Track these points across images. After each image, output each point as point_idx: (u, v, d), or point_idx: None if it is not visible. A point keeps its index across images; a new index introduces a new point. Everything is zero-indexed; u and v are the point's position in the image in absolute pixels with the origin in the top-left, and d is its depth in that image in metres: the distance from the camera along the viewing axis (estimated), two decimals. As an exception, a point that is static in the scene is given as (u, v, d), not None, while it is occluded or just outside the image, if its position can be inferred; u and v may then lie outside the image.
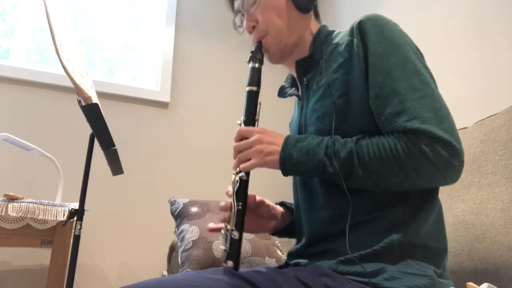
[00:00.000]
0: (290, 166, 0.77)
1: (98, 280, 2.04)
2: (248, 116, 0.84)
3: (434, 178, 0.71)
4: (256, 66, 0.87)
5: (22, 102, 2.07)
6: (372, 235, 0.74)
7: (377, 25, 0.78)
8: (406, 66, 0.74)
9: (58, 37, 1.01)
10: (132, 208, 2.19)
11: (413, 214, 0.75)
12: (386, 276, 0.69)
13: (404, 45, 0.77)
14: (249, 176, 0.81)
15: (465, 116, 1.40)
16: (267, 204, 0.92)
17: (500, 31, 1.48)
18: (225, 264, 0.76)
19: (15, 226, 1.43)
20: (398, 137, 0.71)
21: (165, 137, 2.37)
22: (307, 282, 0.68)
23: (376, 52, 0.76)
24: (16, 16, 2.23)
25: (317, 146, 0.75)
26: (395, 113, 0.72)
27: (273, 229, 0.96)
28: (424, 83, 0.73)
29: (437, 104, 0.71)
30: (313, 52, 0.90)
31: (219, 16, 2.64)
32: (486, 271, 1.00)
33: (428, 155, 0.68)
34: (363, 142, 0.73)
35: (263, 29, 0.89)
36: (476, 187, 1.10)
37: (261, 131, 0.80)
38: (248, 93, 0.86)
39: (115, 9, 2.49)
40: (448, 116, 0.71)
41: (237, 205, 0.78)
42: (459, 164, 0.69)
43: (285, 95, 1.02)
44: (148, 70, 2.51)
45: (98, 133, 1.16)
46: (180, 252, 1.57)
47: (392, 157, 0.70)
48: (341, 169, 0.72)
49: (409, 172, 0.69)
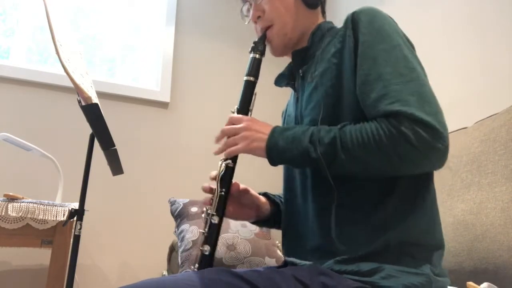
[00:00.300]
0: (276, 154, 0.77)
1: (98, 280, 2.04)
2: (243, 105, 0.86)
3: (418, 162, 0.69)
4: (257, 57, 0.88)
5: (22, 102, 2.07)
6: (364, 230, 0.74)
7: (368, 15, 0.79)
8: (393, 52, 0.74)
9: (58, 37, 1.01)
10: (132, 208, 2.19)
11: (405, 208, 0.75)
12: (383, 275, 0.69)
13: (393, 34, 0.76)
14: (235, 164, 0.83)
15: (465, 116, 1.40)
16: (251, 193, 0.94)
17: (500, 31, 1.48)
18: (202, 248, 0.78)
19: (15, 226, 1.43)
20: (380, 121, 0.70)
21: (165, 137, 2.37)
22: (305, 281, 0.68)
23: (365, 41, 0.76)
24: (16, 16, 2.23)
25: (302, 134, 0.75)
26: (378, 97, 0.71)
27: (254, 217, 0.97)
28: (410, 69, 0.72)
29: (421, 89, 0.70)
30: (310, 45, 0.90)
31: (219, 16, 2.64)
32: (486, 271, 1.00)
33: (409, 137, 0.66)
34: (347, 128, 0.73)
35: (269, 19, 0.90)
36: (476, 187, 1.10)
37: (250, 119, 0.82)
38: (245, 82, 0.87)
39: (115, 9, 2.49)
40: (432, 100, 0.70)
41: (220, 191, 0.81)
42: (443, 147, 0.67)
43: (281, 85, 1.02)
44: (148, 70, 2.51)
45: (98, 133, 1.16)
46: (180, 252, 1.57)
47: (373, 142, 0.69)
48: (325, 155, 0.72)
49: (391, 156, 0.68)
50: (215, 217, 0.79)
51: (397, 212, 0.74)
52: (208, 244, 0.78)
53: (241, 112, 0.85)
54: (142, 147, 2.29)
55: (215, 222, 0.79)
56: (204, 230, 0.80)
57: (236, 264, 1.50)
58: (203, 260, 0.79)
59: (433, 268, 0.73)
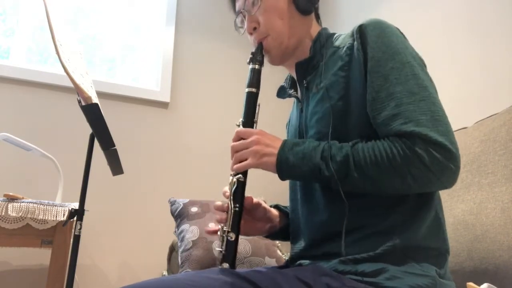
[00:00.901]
0: (286, 170, 0.77)
1: (98, 280, 2.04)
2: (247, 118, 0.84)
3: (430, 182, 0.69)
4: (256, 68, 0.87)
5: (22, 102, 2.07)
6: (371, 237, 0.74)
7: (377, 30, 0.78)
8: (404, 70, 0.74)
9: (58, 37, 1.01)
10: (132, 208, 2.19)
11: (412, 216, 0.75)
12: (388, 276, 0.69)
13: (404, 50, 0.76)
14: (246, 178, 0.81)
15: (465, 116, 1.40)
16: (263, 206, 0.92)
17: (500, 31, 1.48)
18: (221, 266, 0.77)
19: (15, 226, 1.43)
20: (393, 140, 0.70)
21: (165, 137, 2.37)
22: (308, 281, 0.68)
23: (374, 57, 0.76)
24: (16, 16, 2.23)
25: (313, 150, 0.75)
26: (391, 116, 0.71)
27: (267, 231, 0.96)
28: (421, 87, 0.72)
29: (433, 107, 0.71)
30: (313, 55, 0.89)
31: (219, 16, 2.64)
32: (486, 271, 1.00)
33: (423, 158, 0.67)
34: (359, 146, 0.73)
35: (264, 31, 0.89)
36: (476, 187, 1.10)
37: (259, 132, 0.80)
38: (247, 94, 0.86)
39: (115, 9, 2.49)
40: (444, 120, 0.70)
41: (234, 207, 0.79)
42: (455, 168, 0.68)
43: (284, 96, 1.02)
44: (148, 70, 2.51)
45: (98, 133, 1.16)
46: (180, 252, 1.57)
47: (387, 161, 0.69)
48: (337, 173, 0.72)
49: (405, 176, 0.69)
50: (231, 234, 0.78)
51: (404, 221, 0.74)
52: (227, 261, 0.77)
53: (246, 124, 0.84)
54: (142, 147, 2.29)
55: (232, 239, 0.78)
56: (221, 248, 0.78)
57: (236, 264, 1.50)
58: None
59: (439, 271, 0.73)
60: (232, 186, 0.80)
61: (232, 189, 0.80)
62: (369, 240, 0.74)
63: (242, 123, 0.84)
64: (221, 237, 0.79)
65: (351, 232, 0.75)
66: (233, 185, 0.80)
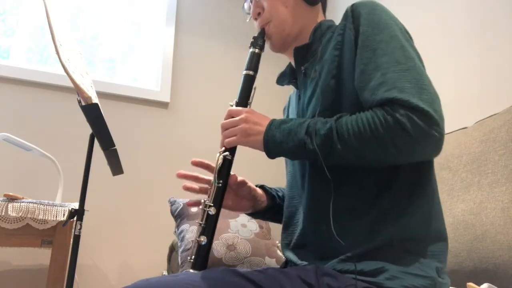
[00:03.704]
0: (273, 147, 0.77)
1: (98, 280, 2.04)
2: (241, 99, 0.86)
3: (413, 150, 0.68)
4: (256, 52, 0.89)
5: (22, 102, 2.07)
6: (363, 224, 0.74)
7: (367, 7, 0.79)
8: (391, 43, 0.74)
9: (58, 37, 1.01)
10: (132, 208, 2.19)
11: (404, 200, 0.74)
12: (388, 276, 0.69)
13: (392, 25, 0.77)
14: (233, 157, 0.83)
15: (465, 116, 1.40)
16: (248, 185, 0.95)
17: (500, 31, 1.48)
18: (199, 239, 0.78)
19: (15, 226, 1.43)
20: (376, 110, 0.70)
21: (165, 137, 2.37)
22: (310, 282, 0.68)
23: (364, 32, 0.77)
24: (16, 16, 2.23)
25: (299, 126, 0.76)
26: (376, 85, 0.71)
27: (250, 209, 0.99)
28: (408, 58, 0.73)
29: (418, 77, 0.70)
30: (312, 41, 0.90)
31: (219, 16, 2.64)
32: (486, 271, 1.00)
33: (404, 124, 0.66)
34: (343, 119, 0.73)
35: (267, 17, 0.91)
36: (476, 187, 1.10)
37: (249, 111, 0.82)
38: (244, 76, 0.88)
39: (115, 9, 2.49)
40: (429, 89, 0.69)
41: (218, 183, 0.81)
42: (439, 135, 0.66)
43: (282, 83, 1.03)
44: (148, 70, 2.50)
45: (98, 133, 1.16)
46: (180, 252, 1.57)
47: (369, 131, 0.69)
48: (321, 146, 0.72)
49: (387, 145, 0.68)
50: (212, 208, 0.80)
51: (396, 205, 0.74)
52: (205, 235, 0.78)
53: (240, 105, 0.86)
54: (142, 147, 2.29)
55: (212, 213, 0.79)
56: (201, 221, 0.80)
57: (236, 264, 1.50)
58: (199, 251, 0.78)
59: (439, 265, 0.72)
60: (218, 163, 0.82)
61: (218, 165, 0.82)
62: (363, 229, 0.73)
63: (235, 104, 0.86)
64: (202, 210, 0.81)
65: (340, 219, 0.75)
66: (219, 162, 0.82)
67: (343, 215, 0.75)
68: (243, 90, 0.87)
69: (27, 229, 1.46)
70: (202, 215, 0.81)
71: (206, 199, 0.82)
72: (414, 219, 0.73)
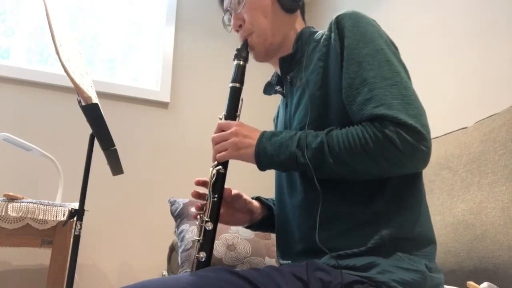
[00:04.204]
0: (264, 159, 0.78)
1: (98, 280, 2.04)
2: (230, 112, 0.87)
3: (403, 164, 0.71)
4: (241, 64, 0.92)
5: (22, 102, 2.07)
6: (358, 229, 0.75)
7: (352, 19, 0.80)
8: (377, 57, 0.75)
9: (58, 37, 1.01)
10: (132, 208, 2.19)
11: (397, 203, 0.76)
12: (379, 270, 0.70)
13: (377, 38, 0.78)
14: (226, 170, 0.84)
15: (465, 116, 1.40)
16: (244, 198, 0.95)
17: (500, 31, 1.48)
18: (198, 255, 0.79)
19: (15, 226, 1.43)
20: (365, 125, 0.72)
21: (165, 137, 2.37)
22: (302, 277, 0.69)
23: (350, 45, 0.78)
24: (16, 16, 2.23)
25: (290, 139, 0.77)
26: (364, 101, 0.73)
27: (248, 222, 0.99)
28: (394, 73, 0.74)
29: (405, 92, 0.72)
30: (296, 50, 0.92)
31: (219, 16, 2.62)
32: (486, 271, 1.00)
33: (394, 140, 0.68)
34: (334, 133, 0.74)
35: (249, 28, 0.93)
36: (476, 187, 1.10)
37: (239, 124, 0.83)
38: (231, 89, 0.89)
39: (115, 9, 2.49)
40: (415, 104, 0.71)
41: (213, 197, 0.82)
42: (426, 149, 0.69)
43: (270, 93, 1.04)
44: (148, 70, 2.51)
45: (98, 133, 1.16)
46: (180, 252, 1.57)
47: (360, 146, 0.71)
48: (312, 160, 0.73)
49: (378, 159, 0.70)
50: (209, 223, 0.80)
51: (387, 209, 0.75)
52: (203, 251, 0.79)
53: (229, 118, 0.87)
54: (142, 147, 2.29)
55: (210, 228, 0.80)
56: (199, 237, 0.81)
57: (236, 264, 1.50)
58: (199, 267, 0.79)
59: (428, 264, 0.74)
60: (212, 177, 0.82)
61: (211, 180, 0.82)
62: (355, 233, 0.75)
63: (224, 117, 0.87)
64: (199, 226, 0.82)
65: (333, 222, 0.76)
66: (213, 176, 0.82)
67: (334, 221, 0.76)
68: (230, 102, 0.88)
69: (27, 229, 1.46)
70: (199, 230, 0.81)
71: (202, 215, 0.82)
72: (406, 221, 0.75)
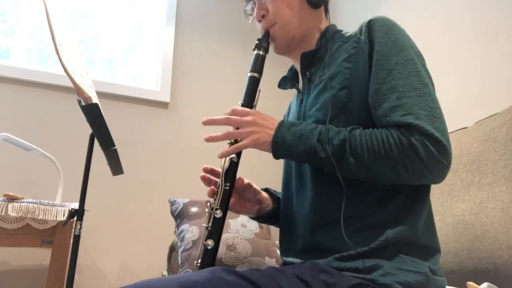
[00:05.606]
0: (282, 149, 0.77)
1: (98, 280, 2.04)
2: (247, 101, 0.86)
3: (422, 174, 0.71)
4: (261, 54, 0.90)
5: (22, 102, 2.07)
6: (368, 230, 0.75)
7: (385, 26, 0.81)
8: (407, 66, 0.76)
9: (58, 37, 1.01)
10: (132, 208, 2.19)
11: (407, 209, 0.76)
12: (382, 272, 0.70)
13: (408, 48, 0.79)
14: (239, 159, 0.83)
15: (465, 116, 1.40)
16: (254, 188, 0.95)
17: (500, 31, 1.48)
18: (205, 242, 0.78)
19: (15, 226, 1.43)
20: (391, 130, 0.72)
21: (165, 137, 2.37)
22: (305, 279, 0.69)
23: (381, 51, 0.78)
24: (16, 16, 2.23)
25: (311, 131, 0.76)
26: (392, 107, 0.73)
27: (256, 212, 0.98)
28: (422, 84, 0.75)
29: (432, 104, 0.73)
30: (319, 47, 0.91)
31: (219, 16, 2.64)
32: (486, 271, 1.00)
33: (418, 150, 0.68)
34: (357, 132, 0.74)
35: (272, 19, 0.91)
36: (476, 187, 1.10)
37: (257, 113, 0.82)
38: (249, 78, 0.88)
39: (115, 9, 2.49)
40: (441, 117, 0.73)
41: (224, 185, 0.81)
42: (447, 163, 0.70)
43: (285, 87, 1.03)
44: (148, 70, 2.50)
45: (98, 133, 1.16)
46: (180, 252, 1.57)
47: (383, 150, 0.71)
48: (333, 155, 0.73)
49: (398, 166, 0.70)
50: (219, 211, 0.80)
51: (397, 214, 0.75)
52: (212, 238, 0.78)
53: (246, 107, 0.85)
54: (142, 147, 2.29)
55: (219, 216, 0.80)
56: (208, 224, 0.80)
57: (236, 264, 1.50)
58: (206, 255, 0.79)
59: (432, 266, 0.74)
60: (225, 165, 0.82)
61: (224, 168, 0.82)
62: (365, 233, 0.74)
63: (241, 105, 0.86)
64: (208, 213, 0.81)
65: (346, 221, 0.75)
66: (225, 164, 0.82)
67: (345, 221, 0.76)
68: (248, 92, 0.87)
69: (27, 229, 1.46)
70: (209, 217, 0.81)
71: (212, 202, 0.82)
72: (413, 226, 0.75)
